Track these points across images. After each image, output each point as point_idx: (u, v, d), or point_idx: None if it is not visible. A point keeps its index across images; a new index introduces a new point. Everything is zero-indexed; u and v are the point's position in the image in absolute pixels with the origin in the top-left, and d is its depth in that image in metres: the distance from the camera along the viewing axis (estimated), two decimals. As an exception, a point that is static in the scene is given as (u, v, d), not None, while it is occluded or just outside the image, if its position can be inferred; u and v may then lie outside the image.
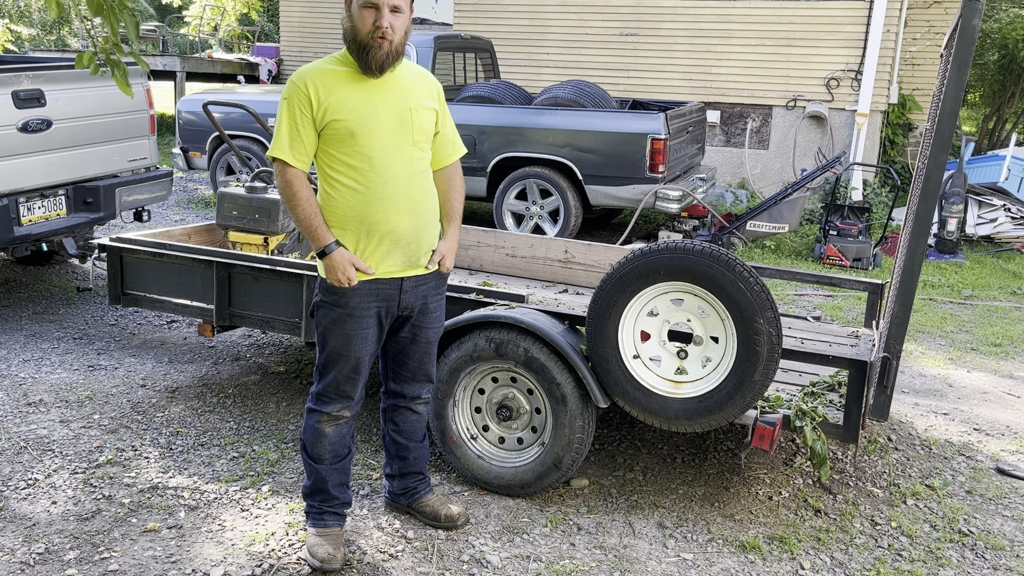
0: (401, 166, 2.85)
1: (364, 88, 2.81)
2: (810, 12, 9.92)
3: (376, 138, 2.80)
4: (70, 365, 4.79)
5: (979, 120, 16.10)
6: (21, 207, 5.16)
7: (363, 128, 2.78)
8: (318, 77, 2.78)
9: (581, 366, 3.24)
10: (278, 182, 2.83)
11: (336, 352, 2.91)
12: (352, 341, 2.89)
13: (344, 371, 2.93)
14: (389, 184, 2.82)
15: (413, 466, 3.28)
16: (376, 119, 2.80)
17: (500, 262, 5.04)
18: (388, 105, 2.83)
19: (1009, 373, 5.29)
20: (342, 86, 2.79)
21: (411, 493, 3.30)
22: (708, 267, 3.02)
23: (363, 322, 2.89)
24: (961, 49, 2.82)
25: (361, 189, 2.80)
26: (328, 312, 2.90)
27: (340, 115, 2.76)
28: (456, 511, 3.27)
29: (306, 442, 3.04)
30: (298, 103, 2.76)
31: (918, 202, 3.11)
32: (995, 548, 3.31)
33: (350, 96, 2.79)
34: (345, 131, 2.77)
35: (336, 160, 2.81)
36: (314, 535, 3.03)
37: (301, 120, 2.77)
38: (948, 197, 8.15)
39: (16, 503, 3.35)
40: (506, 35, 10.94)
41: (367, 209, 2.82)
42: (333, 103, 2.76)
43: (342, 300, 2.86)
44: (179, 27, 18.99)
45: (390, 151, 2.83)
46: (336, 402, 2.97)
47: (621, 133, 7.42)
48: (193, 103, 8.86)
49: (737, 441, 4.04)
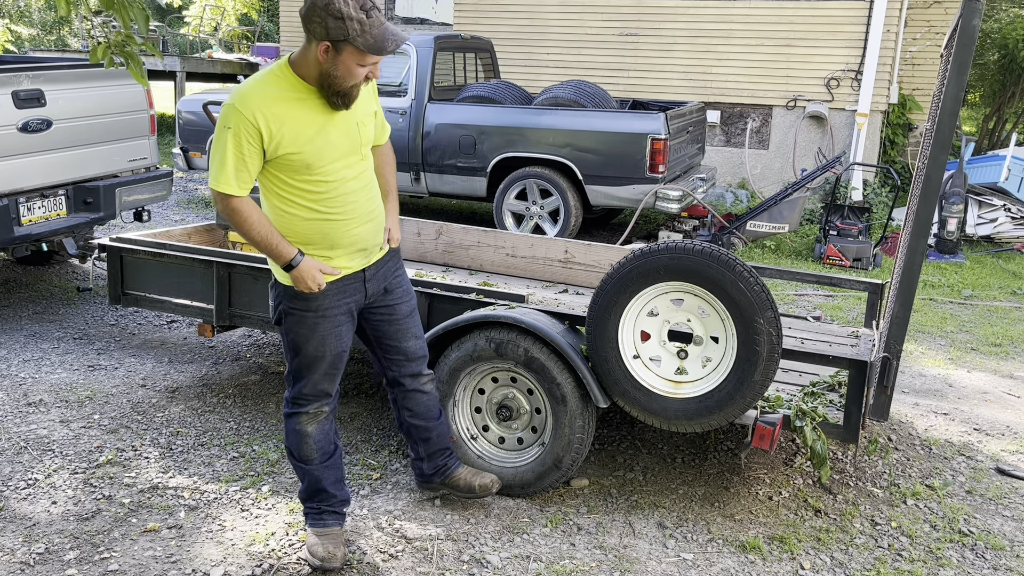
0: (355, 181, 2.81)
1: (315, 114, 2.67)
2: (810, 12, 9.92)
3: (331, 164, 2.72)
4: (70, 365, 4.79)
5: (979, 120, 16.10)
6: (21, 207, 5.16)
7: (318, 159, 2.69)
8: (265, 106, 2.59)
9: (581, 366, 3.24)
10: (223, 211, 2.69)
11: (313, 356, 2.89)
12: (327, 341, 2.89)
13: (322, 371, 2.93)
14: (348, 203, 2.79)
15: (438, 444, 3.30)
16: (330, 145, 2.70)
17: (500, 262, 5.04)
18: (339, 127, 2.73)
19: (1009, 373, 5.29)
20: (293, 116, 2.63)
21: (443, 471, 3.33)
22: (708, 267, 3.02)
23: (336, 320, 2.89)
24: (961, 49, 2.82)
25: (321, 210, 2.76)
26: (299, 319, 2.85)
27: (294, 148, 2.64)
28: (489, 479, 3.33)
29: (291, 447, 3.03)
30: (246, 135, 2.58)
31: (918, 202, 3.11)
32: (995, 548, 3.31)
33: (303, 128, 2.64)
34: (301, 163, 2.67)
35: (290, 186, 2.72)
36: (313, 535, 3.03)
37: (248, 151, 2.61)
38: (948, 197, 8.15)
39: (16, 503, 3.35)
40: (506, 35, 10.94)
41: (329, 227, 2.78)
42: (286, 136, 2.62)
43: (312, 304, 2.83)
44: (179, 27, 18.99)
45: (345, 171, 2.77)
46: (315, 401, 2.97)
47: (621, 133, 7.42)
48: (193, 103, 8.86)
49: (737, 441, 4.04)
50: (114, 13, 3.19)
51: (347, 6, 2.48)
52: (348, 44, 2.53)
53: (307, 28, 2.55)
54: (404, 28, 13.31)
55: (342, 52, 2.55)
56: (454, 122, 7.86)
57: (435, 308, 3.66)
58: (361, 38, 2.52)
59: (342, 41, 2.52)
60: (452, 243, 5.08)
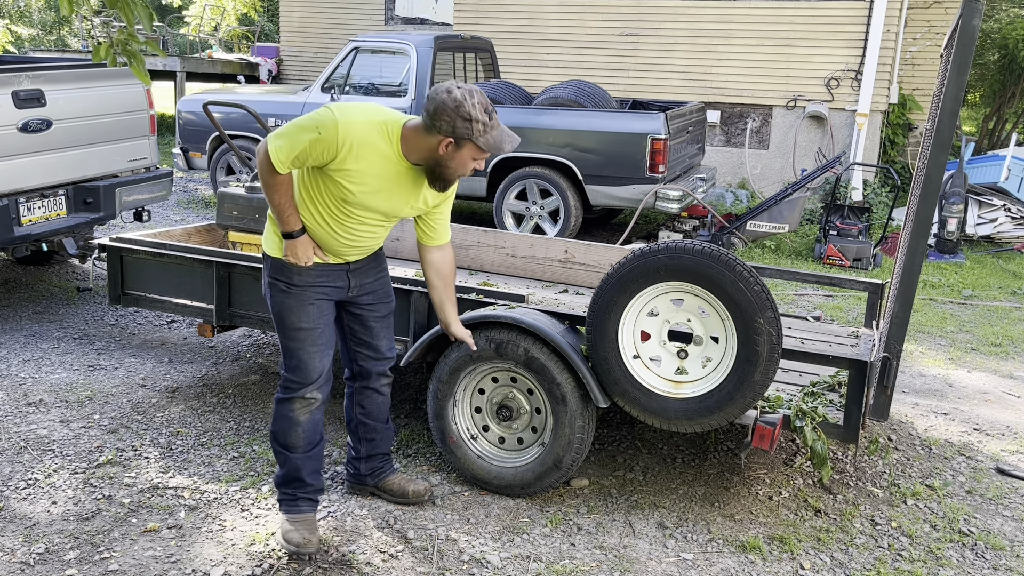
0: (372, 229, 3.01)
1: (388, 178, 2.84)
2: (810, 12, 9.92)
3: (366, 209, 2.90)
4: (70, 365, 4.79)
5: (979, 120, 16.10)
6: (21, 207, 5.16)
7: (359, 201, 2.86)
8: (360, 144, 2.74)
9: (581, 366, 3.24)
10: (262, 168, 2.83)
11: (297, 327, 2.99)
12: (309, 312, 2.99)
13: (307, 345, 3.00)
14: (354, 235, 2.97)
15: (379, 447, 3.39)
16: (376, 196, 2.87)
17: (500, 262, 5.04)
18: (395, 192, 2.89)
19: (1009, 373, 5.29)
20: (373, 164, 2.79)
21: (377, 473, 3.41)
22: (708, 267, 3.02)
23: (317, 295, 3.01)
24: (961, 49, 2.82)
25: (331, 226, 2.93)
26: (284, 291, 2.98)
27: (348, 181, 2.80)
28: (423, 487, 3.40)
29: (277, 432, 3.09)
30: (325, 147, 2.72)
31: (918, 202, 3.11)
32: (995, 548, 3.31)
33: (372, 177, 2.81)
34: (345, 192, 2.83)
35: (321, 192, 2.87)
36: (287, 521, 3.09)
37: (315, 157, 2.75)
38: (948, 197, 8.15)
39: (16, 503, 3.35)
40: (506, 35, 10.94)
41: (328, 238, 2.96)
42: (353, 170, 2.77)
43: (296, 278, 2.97)
44: (179, 27, 19.00)
45: (370, 219, 2.95)
46: (306, 385, 3.03)
47: (621, 133, 7.42)
48: (193, 103, 8.86)
49: (737, 441, 4.04)
50: (118, 11, 3.20)
51: (475, 109, 2.70)
52: (469, 142, 2.74)
53: (433, 123, 2.71)
54: (404, 28, 13.32)
55: (463, 148, 2.76)
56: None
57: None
58: (483, 138, 2.74)
59: (465, 139, 2.72)
60: (452, 243, 5.07)
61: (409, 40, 8.18)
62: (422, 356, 3.56)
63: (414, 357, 3.54)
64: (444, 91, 2.70)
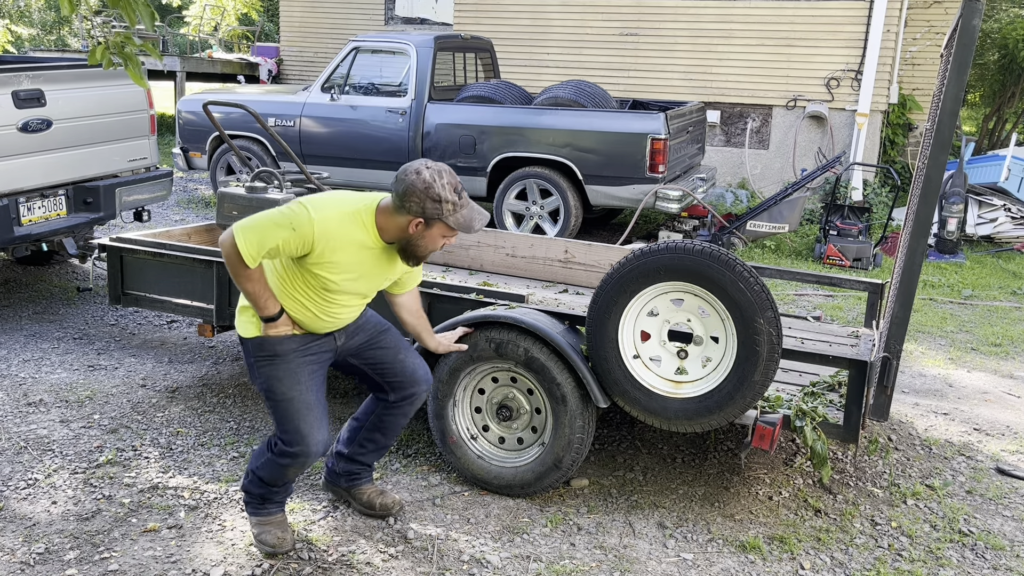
0: (354, 308, 3.02)
1: (368, 262, 2.87)
2: (810, 12, 9.92)
3: (348, 293, 2.92)
4: (70, 365, 4.79)
5: (979, 120, 16.10)
6: (21, 207, 5.16)
7: (341, 287, 2.87)
8: (335, 239, 2.75)
9: (581, 366, 3.24)
10: (229, 260, 2.75)
11: (289, 395, 2.90)
12: (300, 377, 2.92)
13: (303, 411, 2.91)
14: (337, 314, 2.97)
15: (367, 458, 3.31)
16: (357, 284, 2.90)
17: (500, 262, 5.04)
18: (375, 272, 2.93)
19: (1009, 373, 5.29)
20: (352, 255, 2.81)
21: (353, 478, 3.34)
22: (708, 267, 3.02)
23: (305, 357, 2.95)
24: (961, 49, 2.82)
25: (312, 309, 2.91)
26: (270, 365, 2.91)
27: (327, 273, 2.81)
28: (391, 500, 3.32)
29: (260, 472, 3.01)
30: (299, 242, 2.72)
31: (918, 202, 3.11)
32: (995, 548, 3.31)
33: (349, 267, 2.83)
34: (326, 283, 2.84)
35: (300, 281, 2.85)
36: (257, 523, 3.06)
37: (288, 250, 2.74)
38: (948, 197, 8.15)
39: (16, 503, 3.35)
40: (506, 35, 10.94)
41: (312, 321, 2.94)
42: (329, 259, 2.78)
43: (280, 349, 2.91)
44: (179, 27, 18.99)
45: (352, 299, 2.97)
46: (308, 456, 2.94)
47: (621, 133, 7.41)
48: (193, 103, 8.86)
49: (737, 441, 4.04)
50: (120, 10, 3.19)
51: (444, 190, 2.74)
52: (439, 221, 2.77)
53: (403, 204, 2.75)
54: (404, 28, 13.32)
55: (432, 227, 2.79)
56: (454, 122, 7.86)
57: (435, 308, 3.66)
58: (453, 217, 2.77)
59: (435, 219, 2.76)
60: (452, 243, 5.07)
61: (409, 40, 8.18)
62: (423, 353, 3.56)
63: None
64: (413, 172, 2.74)
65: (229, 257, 2.74)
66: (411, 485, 3.56)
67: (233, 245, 2.70)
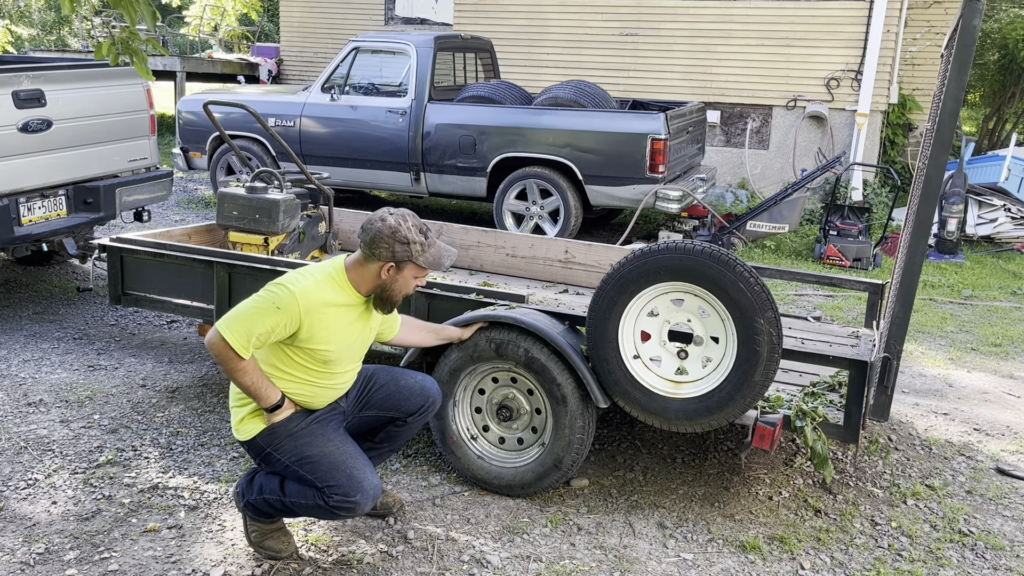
0: (353, 369, 3.06)
1: (353, 322, 2.91)
2: (810, 12, 9.92)
3: (344, 360, 2.96)
4: (70, 365, 4.79)
5: (979, 120, 16.10)
6: (21, 207, 5.16)
7: (337, 358, 2.91)
8: (318, 308, 2.78)
9: (581, 366, 3.24)
10: (221, 358, 2.72)
11: (326, 450, 2.85)
12: (327, 433, 2.91)
13: (347, 459, 2.85)
14: (340, 385, 3.02)
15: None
16: (351, 347, 2.96)
17: (500, 262, 5.04)
18: (362, 331, 2.98)
19: (1009, 373, 5.29)
20: (336, 321, 2.85)
21: None
22: (708, 267, 3.02)
23: (322, 420, 2.95)
24: (961, 49, 2.82)
25: (313, 385, 2.92)
26: (291, 439, 2.87)
27: (321, 346, 2.83)
28: (391, 500, 3.32)
29: (298, 508, 2.88)
30: (288, 319, 2.73)
31: (918, 202, 3.12)
32: (995, 548, 3.31)
33: (338, 332, 2.86)
34: (324, 355, 2.86)
35: (294, 362, 2.87)
36: (258, 532, 3.03)
37: (278, 333, 2.75)
38: (948, 197, 8.15)
39: (16, 503, 3.35)
40: (506, 35, 10.94)
41: (314, 399, 2.95)
42: (319, 334, 2.81)
43: (292, 426, 2.89)
44: (179, 27, 19.00)
45: (350, 363, 3.01)
46: (364, 504, 2.84)
47: (621, 133, 7.41)
48: (193, 103, 8.86)
49: (737, 441, 4.04)
50: (121, 10, 3.20)
51: (411, 232, 2.82)
52: (410, 263, 2.85)
53: (372, 252, 2.82)
54: (404, 28, 13.32)
55: (404, 269, 2.87)
56: (454, 122, 7.86)
57: (435, 308, 3.66)
58: (423, 257, 2.86)
59: (405, 261, 2.84)
60: (452, 243, 5.08)
61: (409, 40, 8.18)
62: (421, 357, 3.56)
63: (413, 358, 3.54)
64: (379, 219, 2.81)
65: (220, 354, 2.72)
66: (411, 485, 3.56)
67: (222, 341, 2.69)
